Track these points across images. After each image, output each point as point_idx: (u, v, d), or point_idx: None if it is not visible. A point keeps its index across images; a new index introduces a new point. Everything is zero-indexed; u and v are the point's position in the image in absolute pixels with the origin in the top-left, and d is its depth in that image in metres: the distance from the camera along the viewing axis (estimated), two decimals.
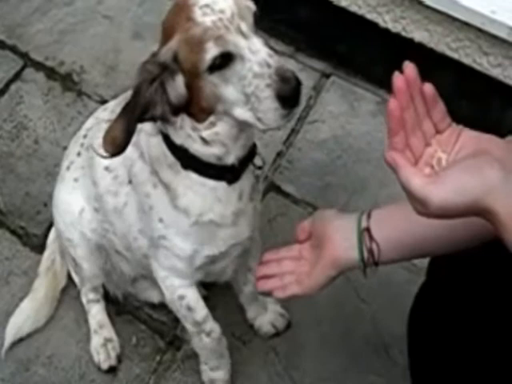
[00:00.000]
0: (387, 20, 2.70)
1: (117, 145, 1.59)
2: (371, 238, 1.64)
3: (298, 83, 1.53)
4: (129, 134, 1.59)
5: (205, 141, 1.67)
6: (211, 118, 1.64)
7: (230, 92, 1.56)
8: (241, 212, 1.83)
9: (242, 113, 1.58)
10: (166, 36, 1.58)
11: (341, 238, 1.67)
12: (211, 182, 1.74)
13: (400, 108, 1.31)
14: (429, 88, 1.33)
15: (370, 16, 2.74)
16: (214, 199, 1.77)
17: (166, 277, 1.98)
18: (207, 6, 1.52)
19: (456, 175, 1.25)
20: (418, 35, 2.67)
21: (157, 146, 1.74)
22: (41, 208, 2.68)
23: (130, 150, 1.72)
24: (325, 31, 2.95)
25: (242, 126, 1.65)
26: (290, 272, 1.79)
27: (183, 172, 1.73)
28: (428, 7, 2.57)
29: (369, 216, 1.67)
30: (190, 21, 1.53)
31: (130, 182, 1.87)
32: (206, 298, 2.41)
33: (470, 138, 1.34)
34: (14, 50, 3.10)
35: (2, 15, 3.19)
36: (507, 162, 1.25)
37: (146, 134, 1.75)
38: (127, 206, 1.92)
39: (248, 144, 1.75)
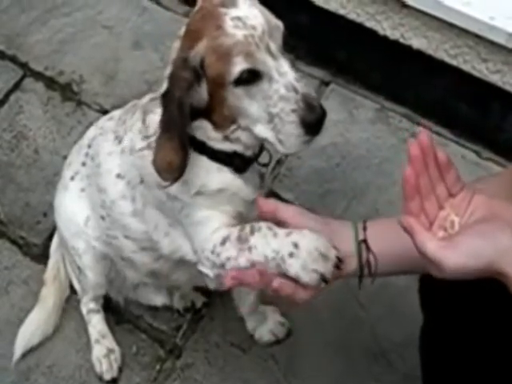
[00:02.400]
0: (386, 27, 2.71)
1: (175, 168, 1.60)
2: (369, 249, 1.65)
3: (323, 113, 1.55)
4: (184, 151, 1.59)
5: (227, 138, 1.67)
6: (232, 127, 1.65)
7: (253, 108, 1.58)
8: (257, 193, 1.82)
9: (263, 130, 1.59)
10: (191, 38, 1.58)
11: (340, 243, 1.64)
12: (218, 165, 1.72)
13: (415, 175, 1.35)
14: (443, 155, 1.37)
15: (369, 23, 2.74)
16: (226, 173, 1.74)
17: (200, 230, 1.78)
18: (239, 18, 1.53)
19: (469, 240, 1.30)
20: (417, 42, 2.67)
21: None
22: (41, 218, 2.68)
23: (139, 144, 1.77)
24: (324, 39, 2.95)
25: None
26: None
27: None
28: (426, 14, 2.57)
29: (364, 228, 1.68)
30: (220, 29, 1.53)
31: (142, 181, 1.85)
32: (206, 305, 2.43)
33: (482, 201, 1.37)
34: (13, 59, 3.10)
35: (2, 25, 3.20)
36: None
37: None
38: (147, 207, 1.89)
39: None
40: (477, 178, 1.70)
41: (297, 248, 1.56)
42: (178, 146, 1.59)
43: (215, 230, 1.72)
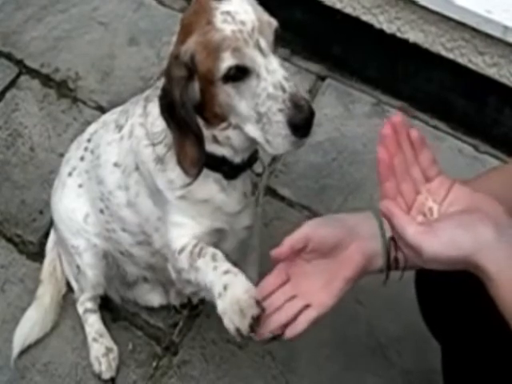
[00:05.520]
0: (382, 21, 2.70)
1: (197, 161, 1.62)
2: (397, 247, 1.58)
3: (311, 113, 1.52)
4: (201, 143, 1.60)
5: (216, 140, 1.67)
6: (223, 124, 1.63)
7: (242, 106, 1.56)
8: (245, 202, 1.82)
9: (252, 130, 1.58)
10: (184, 33, 1.58)
11: (365, 245, 1.59)
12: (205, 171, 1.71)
13: (388, 154, 1.35)
14: (415, 133, 1.37)
15: (365, 17, 2.74)
16: (211, 184, 1.75)
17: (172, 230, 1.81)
18: (228, 13, 1.52)
19: (449, 229, 1.29)
20: (413, 36, 2.67)
21: (160, 126, 1.72)
22: (36, 215, 2.67)
23: (137, 129, 1.77)
24: (320, 33, 2.95)
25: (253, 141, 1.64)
26: (289, 299, 1.62)
27: None
28: (423, 7, 2.57)
29: None
30: (210, 24, 1.52)
31: (137, 167, 1.85)
32: (202, 301, 2.42)
33: (463, 193, 1.37)
34: (9, 57, 3.10)
35: None
36: (500, 221, 1.29)
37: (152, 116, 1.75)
38: (139, 196, 1.89)
39: (254, 148, 1.74)
40: (477, 175, 1.67)
41: (225, 290, 1.56)
42: (195, 141, 1.60)
43: (180, 236, 1.76)
